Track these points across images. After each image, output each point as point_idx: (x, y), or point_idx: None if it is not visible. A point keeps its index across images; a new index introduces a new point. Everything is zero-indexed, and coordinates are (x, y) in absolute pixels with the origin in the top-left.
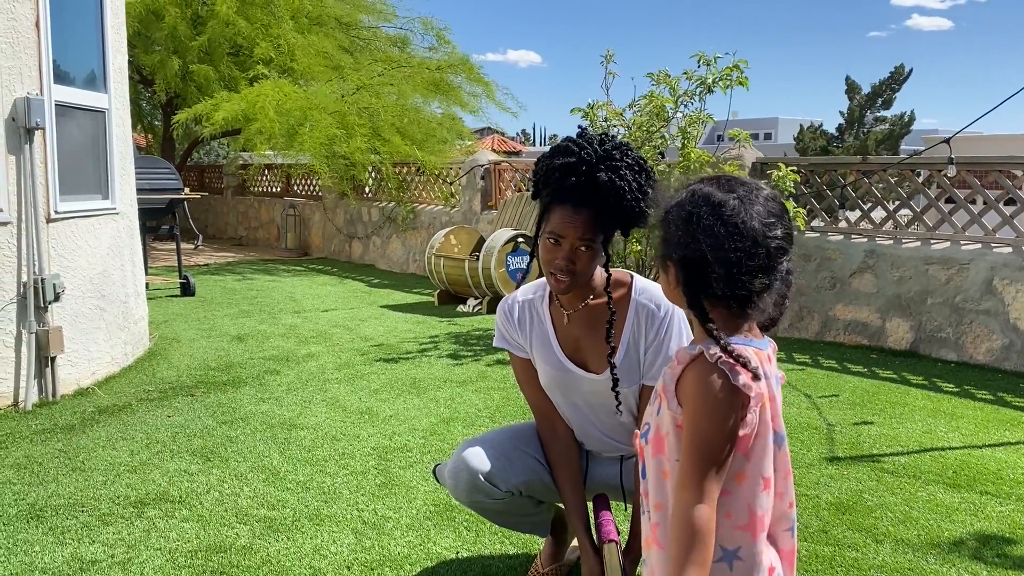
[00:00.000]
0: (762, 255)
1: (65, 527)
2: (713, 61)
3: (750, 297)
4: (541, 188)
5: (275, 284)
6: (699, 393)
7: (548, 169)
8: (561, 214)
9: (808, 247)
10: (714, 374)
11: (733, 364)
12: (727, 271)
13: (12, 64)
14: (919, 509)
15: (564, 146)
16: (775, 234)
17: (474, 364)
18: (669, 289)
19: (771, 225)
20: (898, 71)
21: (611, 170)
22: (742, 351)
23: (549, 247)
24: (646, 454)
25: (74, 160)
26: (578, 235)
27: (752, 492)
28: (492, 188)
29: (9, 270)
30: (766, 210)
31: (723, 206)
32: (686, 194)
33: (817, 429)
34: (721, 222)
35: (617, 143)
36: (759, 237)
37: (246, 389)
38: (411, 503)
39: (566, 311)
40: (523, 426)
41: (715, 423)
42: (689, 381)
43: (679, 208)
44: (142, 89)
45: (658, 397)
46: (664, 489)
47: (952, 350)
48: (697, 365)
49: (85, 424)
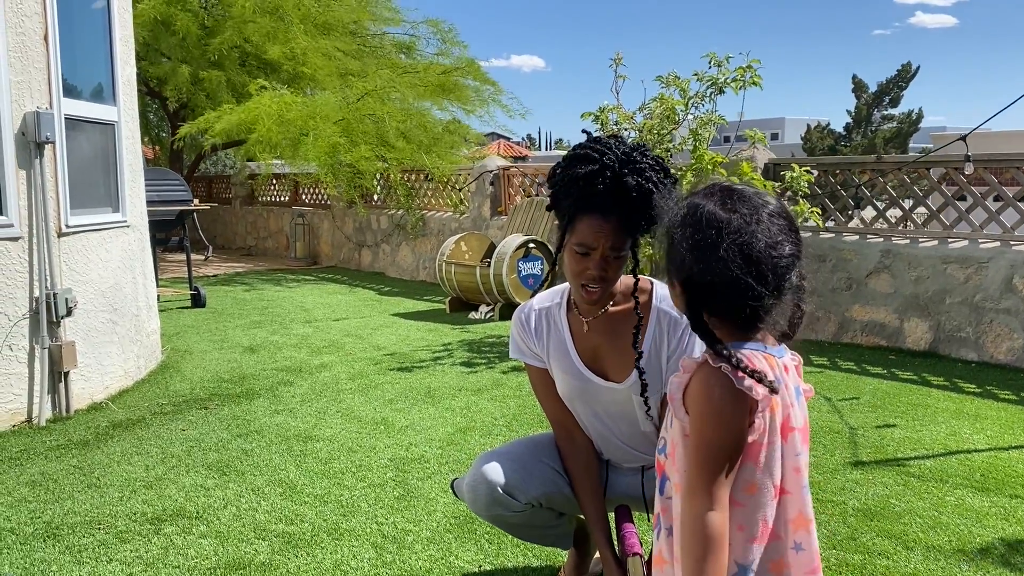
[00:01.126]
0: (770, 279)
1: (82, 545)
2: (725, 61)
3: (758, 316)
4: (562, 199)
5: (285, 294)
6: (702, 398)
7: (571, 179)
8: (589, 224)
9: (823, 248)
10: (717, 379)
11: (736, 370)
12: (733, 296)
13: (21, 78)
14: (948, 514)
15: (583, 154)
16: (782, 252)
17: (488, 372)
18: (675, 298)
19: (778, 244)
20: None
21: (636, 173)
22: (750, 358)
23: (578, 258)
24: (667, 469)
25: (84, 173)
26: (609, 244)
27: (762, 502)
28: (501, 194)
29: (21, 285)
30: (771, 228)
31: (727, 228)
32: (687, 210)
33: (839, 433)
34: (726, 246)
35: (634, 144)
36: (766, 260)
37: (260, 401)
38: (431, 515)
39: (585, 319)
40: (541, 437)
41: (719, 428)
42: (694, 387)
43: (682, 228)
44: (149, 101)
45: (670, 410)
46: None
47: (972, 350)
48: (702, 372)
49: (100, 439)
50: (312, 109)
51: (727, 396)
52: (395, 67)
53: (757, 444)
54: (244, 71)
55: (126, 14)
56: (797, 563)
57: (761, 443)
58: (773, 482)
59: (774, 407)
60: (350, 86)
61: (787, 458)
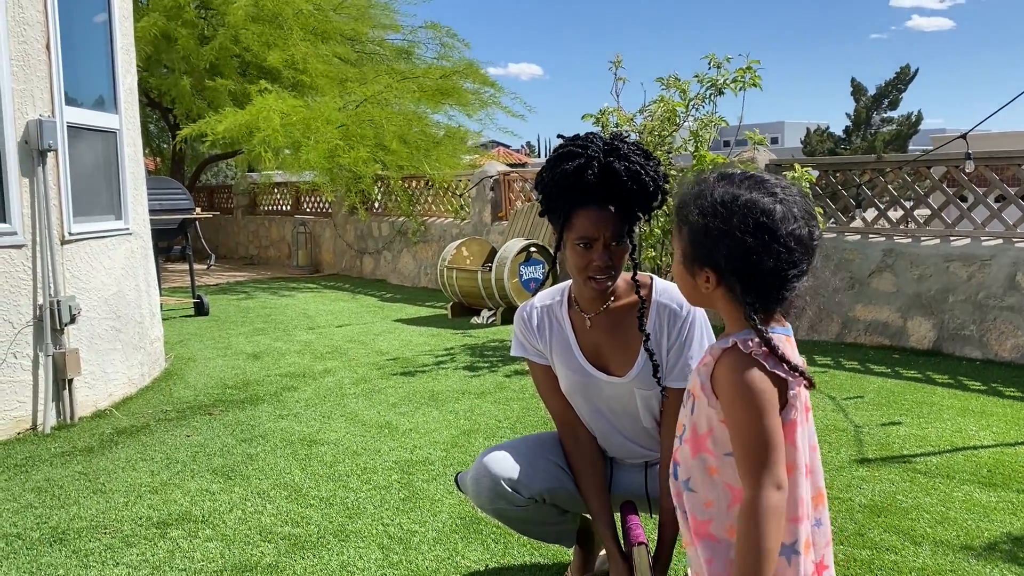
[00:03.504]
0: (809, 254)
1: (88, 550)
2: (725, 62)
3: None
4: (555, 198)
5: (288, 301)
6: (738, 384)
7: (560, 177)
8: (587, 216)
9: (825, 248)
10: (750, 365)
11: (767, 352)
12: (779, 279)
13: (24, 87)
14: (956, 509)
15: (567, 151)
16: (817, 235)
17: (491, 375)
18: (697, 292)
19: (814, 227)
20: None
21: (622, 159)
22: (777, 341)
23: (581, 252)
24: (682, 455)
25: (87, 181)
26: (610, 233)
27: (798, 481)
28: (502, 199)
29: (25, 293)
30: (804, 211)
31: (773, 214)
32: (727, 198)
33: (844, 431)
34: (775, 233)
35: (613, 133)
36: (808, 243)
37: (264, 406)
38: (436, 516)
39: (587, 315)
40: (546, 435)
41: (761, 414)
42: (724, 374)
43: (724, 217)
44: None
45: (691, 396)
46: (715, 486)
47: (976, 348)
48: (730, 357)
49: (104, 446)
50: (313, 113)
51: (762, 382)
52: (394, 73)
53: (793, 423)
54: (245, 80)
55: (127, 23)
56: (818, 539)
57: (796, 422)
58: (805, 461)
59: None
60: (350, 93)
61: (809, 437)
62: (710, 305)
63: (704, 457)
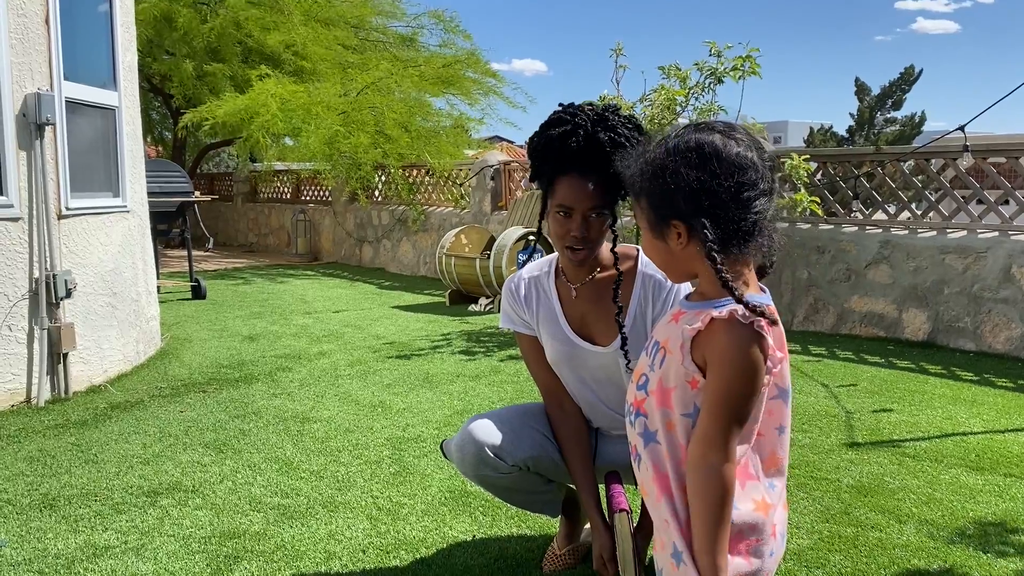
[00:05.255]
0: (764, 177)
1: (78, 516)
2: (725, 50)
3: (754, 228)
4: (540, 163)
5: (286, 287)
6: (738, 354)
7: (546, 142)
8: (568, 184)
9: (822, 239)
10: (752, 337)
11: (763, 323)
12: (740, 202)
13: (22, 60)
14: (942, 491)
15: (556, 118)
16: (765, 157)
17: (487, 360)
18: (673, 258)
19: (760, 150)
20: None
21: (609, 130)
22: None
23: (560, 220)
24: (649, 406)
25: (84, 157)
26: (588, 204)
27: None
28: (502, 188)
29: (21, 266)
30: (748, 138)
31: (715, 144)
32: (668, 147)
33: (835, 417)
34: (722, 158)
35: (606, 105)
36: (756, 162)
37: (258, 385)
38: (426, 490)
39: (573, 285)
40: (532, 405)
41: (751, 385)
42: (723, 342)
43: (672, 163)
44: (152, 98)
45: (661, 349)
46: (672, 440)
47: (970, 340)
48: (730, 326)
49: (98, 419)
50: (313, 97)
51: (760, 356)
52: (396, 60)
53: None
54: (247, 66)
55: (127, 0)
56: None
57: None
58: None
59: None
60: (351, 79)
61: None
62: (690, 271)
63: (666, 412)
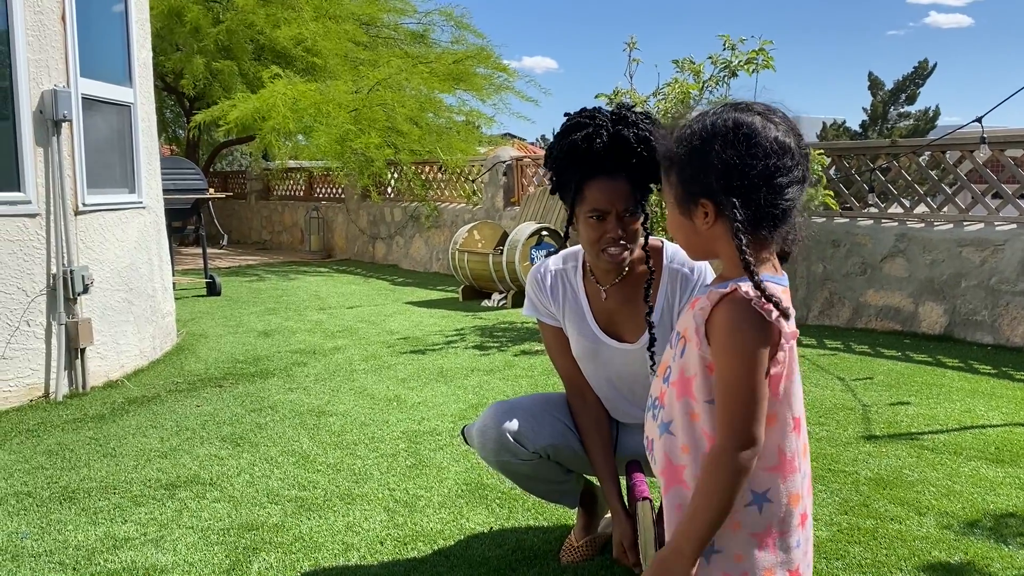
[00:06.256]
0: (800, 165)
1: (97, 508)
2: (739, 43)
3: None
4: (564, 171)
5: (300, 284)
6: (734, 332)
7: (569, 147)
8: (599, 187)
9: (837, 233)
10: (749, 313)
11: (765, 302)
12: (772, 187)
13: (39, 57)
14: (962, 483)
15: (574, 123)
16: (803, 143)
17: (501, 354)
18: (697, 236)
19: (798, 136)
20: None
21: (631, 126)
22: (773, 288)
23: (594, 225)
24: (668, 398)
25: (101, 154)
26: (622, 204)
27: (782, 433)
28: (515, 184)
29: (39, 262)
30: (786, 122)
31: (754, 125)
32: (706, 123)
33: (852, 410)
34: (759, 140)
35: (619, 103)
36: (793, 147)
37: (274, 380)
38: (442, 483)
39: (603, 287)
40: (553, 394)
41: (752, 367)
42: (721, 319)
43: (707, 139)
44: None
45: (681, 339)
46: (693, 431)
47: (988, 333)
48: (730, 303)
49: (115, 414)
50: (324, 95)
51: (760, 332)
52: (407, 57)
53: (778, 376)
54: (259, 64)
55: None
56: (805, 489)
57: (782, 375)
58: (792, 414)
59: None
60: (363, 76)
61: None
62: (712, 251)
63: (688, 402)
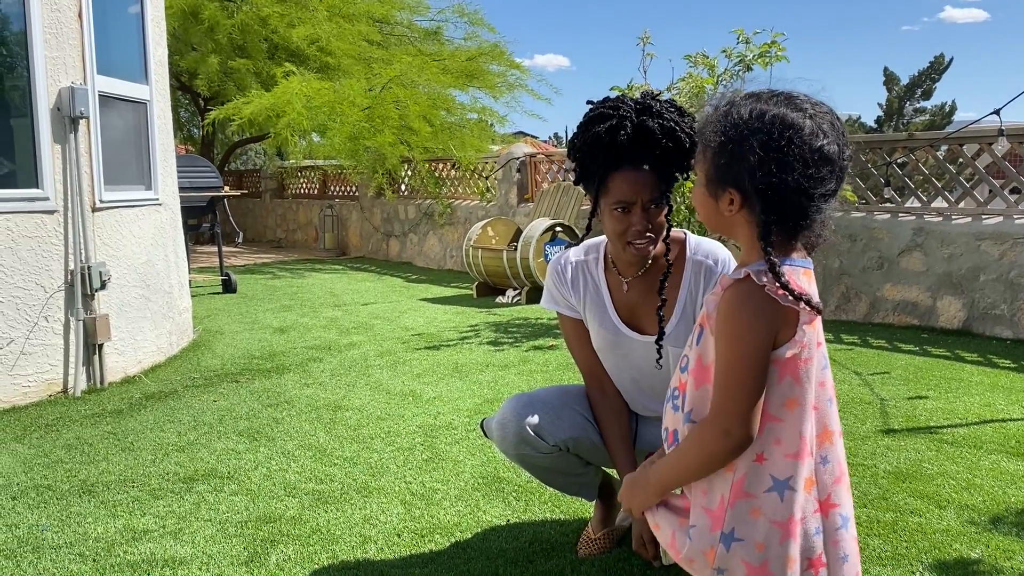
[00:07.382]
0: (837, 176)
1: (116, 501)
2: (752, 36)
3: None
4: (588, 162)
5: (315, 281)
6: (730, 316)
7: (593, 139)
8: (623, 179)
9: (854, 227)
10: (753, 298)
11: (779, 288)
12: (804, 198)
13: (56, 54)
14: (982, 477)
15: (598, 114)
16: (846, 154)
17: (515, 350)
18: (719, 216)
19: (844, 146)
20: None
21: (656, 116)
22: (791, 277)
23: (619, 217)
24: (688, 387)
25: (117, 151)
26: (648, 195)
27: (802, 418)
28: (528, 180)
29: (56, 258)
30: (834, 128)
31: (802, 130)
32: (753, 114)
33: (870, 404)
34: (803, 148)
35: (644, 92)
36: (836, 159)
37: (290, 375)
38: (459, 476)
39: (625, 279)
40: (572, 386)
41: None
42: (722, 304)
43: (750, 132)
44: (181, 96)
45: (699, 326)
46: None
47: (1007, 327)
48: (735, 288)
49: (133, 409)
50: (338, 93)
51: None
52: (421, 55)
53: (797, 358)
54: (273, 62)
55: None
56: (824, 477)
57: (801, 357)
58: (811, 398)
59: (814, 323)
60: (376, 74)
61: (819, 373)
62: (730, 232)
63: (707, 389)
